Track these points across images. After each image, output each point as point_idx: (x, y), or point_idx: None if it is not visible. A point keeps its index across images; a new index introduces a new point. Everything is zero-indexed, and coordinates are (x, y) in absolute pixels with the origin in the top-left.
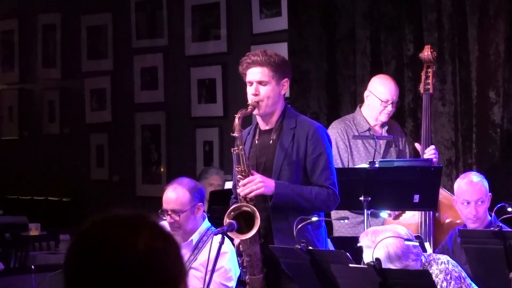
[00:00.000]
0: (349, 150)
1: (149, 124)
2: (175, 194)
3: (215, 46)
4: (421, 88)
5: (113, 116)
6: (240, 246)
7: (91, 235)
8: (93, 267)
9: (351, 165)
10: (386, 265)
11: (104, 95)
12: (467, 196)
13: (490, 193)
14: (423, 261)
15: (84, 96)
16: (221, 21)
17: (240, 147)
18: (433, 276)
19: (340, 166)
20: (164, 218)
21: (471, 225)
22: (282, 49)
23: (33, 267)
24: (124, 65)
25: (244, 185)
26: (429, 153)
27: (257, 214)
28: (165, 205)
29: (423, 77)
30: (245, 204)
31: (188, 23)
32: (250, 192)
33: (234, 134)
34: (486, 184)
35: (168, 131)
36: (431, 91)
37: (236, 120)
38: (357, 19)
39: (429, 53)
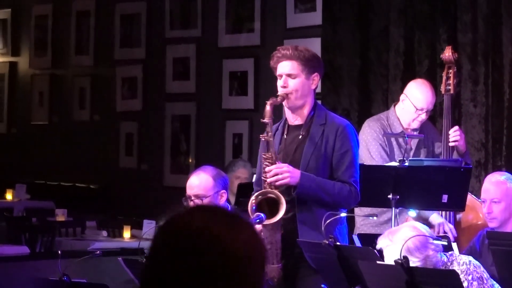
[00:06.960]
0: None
1: (180, 114)
2: (198, 180)
3: (248, 39)
4: (442, 88)
5: (144, 105)
6: (262, 233)
7: (191, 222)
8: (188, 253)
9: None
10: None
11: (135, 84)
12: (482, 193)
13: None
14: (445, 260)
15: (115, 84)
16: (255, 14)
17: (270, 133)
18: None
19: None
20: (186, 204)
21: (489, 225)
22: (315, 45)
23: (59, 252)
24: (156, 54)
25: (270, 171)
26: (453, 135)
27: (283, 200)
28: (188, 191)
29: (444, 77)
30: (270, 190)
31: (222, 15)
32: (276, 181)
33: (264, 120)
34: (510, 185)
35: (198, 122)
36: (452, 91)
37: (267, 107)
38: (391, 16)
39: (450, 53)
